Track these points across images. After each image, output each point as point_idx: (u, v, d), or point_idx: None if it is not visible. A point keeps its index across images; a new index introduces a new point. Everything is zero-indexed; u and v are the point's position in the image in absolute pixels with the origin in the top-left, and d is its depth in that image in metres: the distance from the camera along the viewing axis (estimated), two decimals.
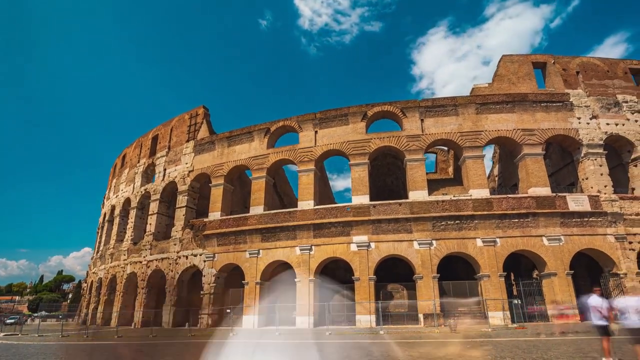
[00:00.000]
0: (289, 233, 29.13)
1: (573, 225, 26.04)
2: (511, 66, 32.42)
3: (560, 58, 32.77)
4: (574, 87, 30.90)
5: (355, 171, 30.05)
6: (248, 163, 33.55)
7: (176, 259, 32.84)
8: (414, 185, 28.66)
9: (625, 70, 32.41)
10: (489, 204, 26.91)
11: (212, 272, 30.65)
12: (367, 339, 18.48)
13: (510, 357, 11.79)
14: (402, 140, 29.97)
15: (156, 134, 42.78)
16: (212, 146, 35.90)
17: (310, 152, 31.61)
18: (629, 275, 24.84)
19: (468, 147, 29.19)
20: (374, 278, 26.43)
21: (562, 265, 25.15)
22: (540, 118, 29.51)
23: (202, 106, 39.52)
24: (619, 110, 30.01)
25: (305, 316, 26.49)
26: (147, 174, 41.82)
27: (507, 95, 30.37)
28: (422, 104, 30.99)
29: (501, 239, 26.02)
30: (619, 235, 25.68)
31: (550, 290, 25.19)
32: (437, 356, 12.21)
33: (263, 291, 29.20)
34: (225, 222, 31.78)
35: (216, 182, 34.16)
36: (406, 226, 27.15)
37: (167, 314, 31.25)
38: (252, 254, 29.67)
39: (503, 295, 24.88)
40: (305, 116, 33.06)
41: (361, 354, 13.52)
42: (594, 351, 12.35)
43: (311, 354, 13.44)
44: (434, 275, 25.64)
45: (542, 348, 13.82)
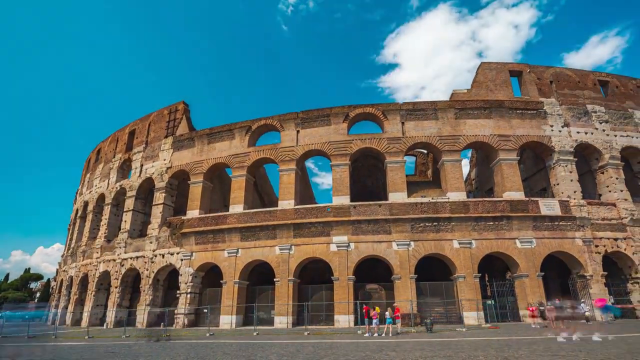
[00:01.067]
0: (269, 232, 28.95)
1: (544, 229, 27.11)
2: (489, 73, 33.38)
3: (535, 67, 34.03)
4: (547, 95, 32.15)
5: (337, 172, 30.20)
6: (228, 161, 33.12)
7: (152, 258, 32.03)
8: (394, 187, 29.07)
9: (595, 81, 34.01)
10: (465, 206, 27.61)
11: (190, 271, 30.08)
12: (346, 339, 18.59)
13: (484, 356, 12.08)
14: (383, 143, 30.34)
15: (133, 128, 41.57)
16: (192, 143, 35.22)
17: (291, 152, 31.54)
18: (595, 277, 26.10)
19: (447, 150, 29.86)
20: (353, 278, 26.65)
21: (533, 267, 26.13)
22: (515, 125, 30.53)
23: (182, 101, 38.74)
24: (588, 119, 31.44)
25: (284, 316, 26.41)
26: (123, 170, 40.59)
27: (485, 102, 31.27)
28: (403, 107, 31.48)
29: (477, 241, 26.78)
30: (587, 238, 26.94)
31: (522, 291, 26.13)
32: (413, 357, 12.41)
33: (241, 291, 28.92)
34: (203, 221, 31.25)
35: (195, 180, 33.54)
36: (385, 227, 27.51)
37: (142, 313, 30.43)
38: (230, 253, 29.30)
39: (477, 296, 25.63)
40: (288, 115, 32.96)
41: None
42: (562, 350, 12.87)
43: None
44: (411, 276, 26.11)
45: (513, 347, 14.24)
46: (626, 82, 35.06)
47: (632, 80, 35.50)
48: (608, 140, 30.68)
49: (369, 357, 12.39)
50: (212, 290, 30.20)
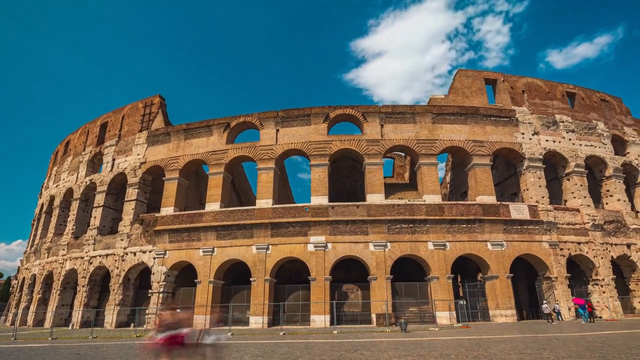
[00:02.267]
0: (246, 231, 28.62)
1: (514, 232, 28.19)
2: (466, 80, 34.38)
3: (509, 77, 35.35)
4: (519, 104, 33.46)
5: (316, 172, 30.24)
6: (206, 158, 32.50)
7: (123, 256, 30.95)
8: (372, 188, 29.42)
9: (563, 93, 35.73)
10: (440, 209, 28.31)
11: (163, 270, 29.28)
12: (321, 339, 18.63)
13: (455, 354, 12.40)
14: (362, 144, 30.64)
15: (105, 121, 40.05)
16: (168, 138, 34.31)
17: (271, 150, 31.32)
18: (559, 279, 27.41)
19: (424, 154, 30.52)
20: (329, 278, 26.77)
21: (503, 268, 27.13)
22: (489, 131, 31.59)
23: (157, 95, 37.66)
24: (556, 128, 32.98)
25: (259, 316, 26.19)
26: (94, 164, 39.03)
27: (461, 108, 32.18)
28: (382, 109, 31.92)
29: (450, 243, 27.52)
30: (553, 242, 28.24)
31: (492, 292, 27.08)
32: (387, 356, 12.59)
33: (216, 290, 28.43)
34: (178, 218, 30.51)
35: (170, 176, 32.70)
36: (363, 228, 27.79)
37: (111, 313, 29.36)
38: (206, 252, 28.75)
39: (450, 296, 26.35)
40: (267, 113, 32.70)
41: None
42: (529, 348, 13.40)
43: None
44: (387, 277, 26.51)
45: (483, 346, 14.69)
46: (591, 95, 37.04)
47: (596, 93, 37.54)
48: (574, 149, 32.29)
49: (344, 356, 12.45)
50: (186, 290, 29.53)
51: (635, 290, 30.01)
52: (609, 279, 28.24)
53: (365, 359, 11.96)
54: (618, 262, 30.14)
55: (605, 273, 28.32)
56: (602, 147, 33.41)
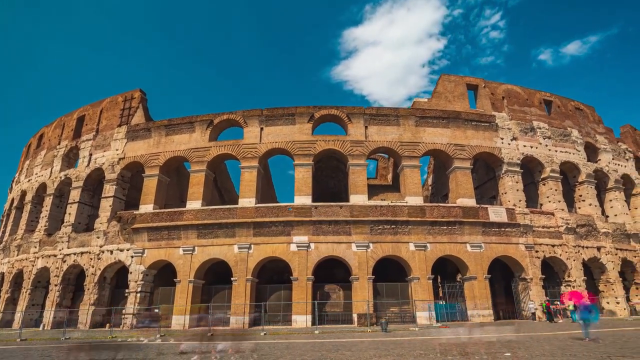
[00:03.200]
0: (228, 230, 28.27)
1: (492, 234, 28.93)
2: (448, 85, 35.05)
3: (490, 83, 36.27)
4: (499, 110, 34.37)
5: (300, 171, 30.18)
6: (187, 155, 31.93)
7: (99, 254, 30.00)
8: (355, 189, 29.59)
9: (541, 100, 36.94)
10: (422, 211, 28.74)
11: (141, 269, 28.55)
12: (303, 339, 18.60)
13: (433, 354, 12.62)
14: (347, 145, 30.78)
15: (83, 114, 38.76)
16: (148, 134, 33.52)
17: (254, 149, 31.06)
18: (534, 280, 28.32)
19: (407, 156, 30.92)
20: (312, 278, 26.76)
21: (481, 269, 27.80)
22: (470, 135, 32.31)
23: (138, 89, 36.75)
24: (534, 134, 34.05)
25: (240, 316, 25.91)
26: (69, 158, 37.70)
27: (443, 112, 32.77)
28: (367, 111, 32.16)
29: (431, 244, 27.98)
30: (529, 244, 29.15)
31: (470, 292, 27.69)
32: (367, 356, 12.69)
33: (196, 290, 27.95)
34: (158, 216, 29.83)
35: (150, 173, 31.95)
36: (346, 228, 27.91)
37: (85, 314, 28.40)
38: (186, 251, 28.23)
39: (430, 297, 26.81)
40: (252, 111, 32.42)
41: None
42: (504, 347, 13.77)
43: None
44: (369, 277, 26.72)
45: (461, 345, 15.01)
46: (566, 103, 38.45)
47: (571, 102, 39.00)
48: (550, 155, 33.42)
49: (325, 356, 12.49)
50: (165, 289, 28.90)
51: (604, 291, 31.32)
52: (580, 280, 29.36)
53: (346, 358, 12.01)
54: (589, 264, 31.38)
55: (577, 275, 29.45)
56: (576, 153, 34.72)
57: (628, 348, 12.49)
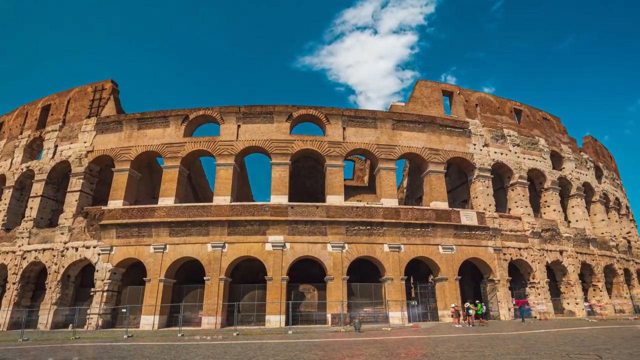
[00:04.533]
0: (202, 229, 27.67)
1: (463, 237, 29.82)
2: (425, 90, 35.84)
3: (464, 90, 37.41)
4: (473, 117, 35.50)
5: (277, 170, 29.98)
6: (161, 150, 31.02)
7: (63, 251, 28.58)
8: (332, 190, 29.72)
9: (511, 109, 38.47)
10: (397, 213, 29.23)
11: (108, 267, 27.43)
12: (276, 339, 18.46)
13: (404, 353, 12.84)
14: (324, 145, 30.85)
15: (48, 103, 36.85)
16: (119, 126, 32.31)
17: (231, 146, 30.58)
18: (501, 282, 29.44)
19: (383, 158, 31.35)
20: (286, 278, 26.63)
21: (452, 271, 28.60)
22: (444, 140, 33.17)
23: (110, 80, 35.34)
24: (504, 142, 35.40)
25: (212, 316, 25.42)
26: (32, 149, 35.74)
27: (420, 116, 33.48)
28: (345, 112, 32.37)
29: (405, 245, 28.51)
30: (497, 247, 30.26)
31: (441, 293, 28.43)
32: (340, 356, 12.75)
33: (167, 289, 27.17)
34: (128, 212, 28.78)
35: (120, 167, 30.81)
36: (322, 229, 27.96)
37: (46, 313, 26.96)
38: (157, 249, 27.39)
39: (403, 297, 27.31)
40: (229, 108, 31.92)
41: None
42: (472, 346, 14.21)
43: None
44: (344, 277, 26.89)
45: (431, 344, 15.35)
46: (535, 113, 40.25)
47: (539, 112, 40.87)
48: (518, 162, 34.85)
49: (298, 356, 12.43)
50: (134, 289, 27.90)
51: (565, 292, 32.98)
52: (543, 282, 30.80)
53: (319, 358, 12.01)
54: (552, 266, 32.94)
55: (541, 277, 30.87)
56: (542, 161, 36.39)
57: (584, 346, 13.16)
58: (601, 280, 34.58)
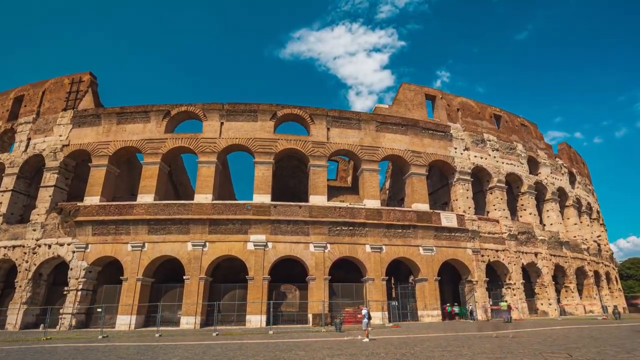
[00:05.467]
0: (182, 227, 27.17)
1: (443, 239, 30.38)
2: (409, 93, 36.31)
3: (446, 95, 38.12)
4: (454, 121, 36.21)
5: (260, 169, 29.75)
6: (141, 146, 30.29)
7: (34, 248, 27.49)
8: (315, 190, 29.72)
9: (491, 114, 39.44)
10: (379, 214, 29.50)
11: (83, 265, 26.56)
12: (256, 339, 18.31)
13: (384, 352, 12.96)
14: (308, 145, 30.82)
15: (21, 94, 35.38)
16: (97, 120, 31.35)
17: (213, 144, 30.16)
18: (479, 282, 30.16)
19: (366, 160, 31.58)
20: (268, 278, 26.46)
21: (432, 272, 29.08)
22: (427, 143, 33.70)
23: (88, 72, 34.24)
24: (484, 146, 36.28)
25: (192, 316, 24.98)
26: (3, 141, 34.30)
27: (403, 119, 33.90)
28: (330, 113, 32.43)
29: (386, 246, 28.81)
30: (475, 249, 30.97)
31: (421, 294, 28.88)
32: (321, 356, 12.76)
33: (144, 289, 26.53)
34: (105, 209, 27.95)
35: (98, 162, 29.91)
36: (304, 228, 27.92)
37: (16, 313, 25.86)
38: (135, 247, 26.71)
39: (384, 297, 27.59)
40: (212, 105, 31.48)
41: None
42: (450, 346, 14.48)
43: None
44: (325, 277, 26.94)
45: (410, 344, 15.56)
46: (513, 119, 41.41)
47: (518, 118, 42.09)
48: (497, 166, 35.79)
49: (278, 357, 12.36)
50: (110, 288, 27.10)
51: (539, 293, 34.08)
52: (519, 283, 31.74)
53: (300, 358, 11.98)
54: (527, 268, 33.99)
55: (517, 278, 31.79)
56: (520, 166, 37.49)
57: (556, 345, 13.63)
58: (573, 282, 35.92)
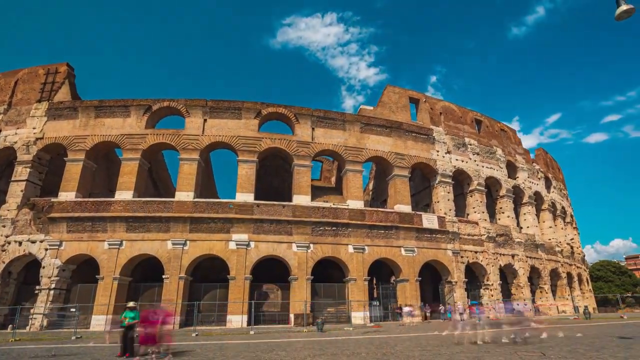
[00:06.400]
0: (162, 225, 26.56)
1: (425, 240, 30.83)
2: (393, 96, 36.70)
3: (430, 98, 38.73)
4: (437, 124, 36.84)
5: (243, 168, 29.43)
6: (120, 141, 29.46)
7: (4, 245, 26.30)
8: (299, 189, 29.62)
9: (472, 119, 40.33)
10: (362, 214, 29.67)
11: (56, 263, 25.57)
12: (237, 339, 18.07)
13: (365, 352, 13.02)
14: (293, 145, 30.71)
15: None
16: (74, 113, 30.30)
17: (196, 141, 29.65)
18: (458, 283, 30.75)
19: (350, 160, 31.72)
20: (250, 277, 26.20)
21: (413, 272, 29.46)
22: (410, 146, 34.14)
23: (65, 63, 33.07)
24: (465, 150, 37.05)
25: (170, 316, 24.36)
26: None
27: (387, 121, 34.23)
28: (315, 113, 32.41)
29: (369, 247, 29.00)
30: (455, 250, 31.58)
31: (402, 294, 29.22)
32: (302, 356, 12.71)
33: (122, 288, 25.79)
34: (81, 205, 27.03)
35: (74, 157, 28.91)
36: (287, 228, 27.78)
37: None
38: (112, 245, 25.94)
39: (365, 297, 27.75)
40: (195, 101, 30.96)
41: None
42: (429, 345, 14.68)
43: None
44: (308, 277, 26.87)
45: (391, 344, 15.69)
46: (494, 124, 42.47)
47: (497, 123, 43.18)
48: (477, 170, 36.61)
49: (259, 357, 12.22)
50: (84, 287, 26.17)
51: (515, 294, 35.06)
52: (496, 284, 32.56)
53: (281, 359, 11.88)
54: (504, 269, 34.92)
55: (494, 279, 32.61)
56: (499, 170, 38.48)
57: (531, 344, 14.02)
58: (547, 283, 37.14)
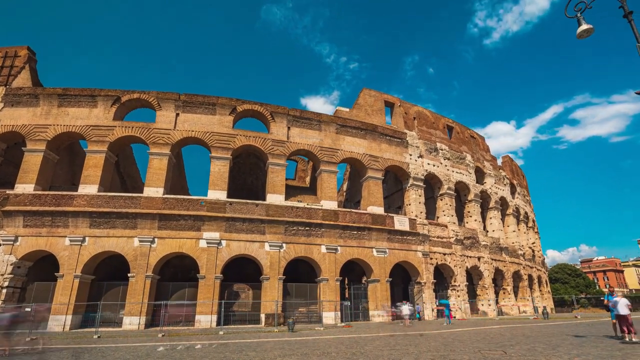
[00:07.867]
0: (128, 221, 25.55)
1: (396, 241, 31.41)
2: (369, 99, 37.18)
3: (404, 103, 39.54)
4: (410, 129, 37.66)
5: (216, 165, 28.85)
6: (85, 132, 28.10)
7: None
8: (273, 188, 29.39)
9: (444, 125, 41.54)
10: (336, 215, 29.84)
11: (11, 259, 23.99)
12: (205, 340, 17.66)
13: (335, 352, 13.09)
14: (268, 143, 30.44)
15: None
16: (35, 101, 28.61)
17: (167, 135, 28.76)
18: (427, 284, 31.56)
19: (325, 161, 31.82)
20: (220, 277, 25.69)
21: (384, 273, 29.95)
22: (384, 148, 34.69)
23: (26, 47, 31.11)
24: (436, 154, 38.10)
25: (136, 316, 23.50)
26: None
27: (362, 123, 34.62)
28: (291, 112, 32.28)
29: (342, 247, 29.21)
30: (425, 252, 32.39)
31: (373, 294, 29.61)
32: (272, 356, 12.61)
33: (83, 286, 24.57)
34: (40, 199, 25.53)
35: (33, 147, 27.28)
36: (260, 227, 27.48)
37: None
38: (74, 241, 24.67)
39: (337, 297, 27.90)
40: (168, 94, 30.05)
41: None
42: (398, 344, 14.96)
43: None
44: (280, 277, 26.69)
45: (360, 343, 15.86)
46: (464, 130, 43.95)
47: (468, 130, 44.73)
48: (447, 174, 37.75)
49: (228, 357, 12.01)
50: (42, 285, 24.70)
51: (480, 295, 36.43)
52: (463, 285, 33.69)
53: (250, 359, 11.74)
54: (471, 271, 36.20)
55: (461, 280, 33.73)
56: (468, 175, 39.86)
57: (494, 343, 14.59)
58: (510, 285, 38.85)
